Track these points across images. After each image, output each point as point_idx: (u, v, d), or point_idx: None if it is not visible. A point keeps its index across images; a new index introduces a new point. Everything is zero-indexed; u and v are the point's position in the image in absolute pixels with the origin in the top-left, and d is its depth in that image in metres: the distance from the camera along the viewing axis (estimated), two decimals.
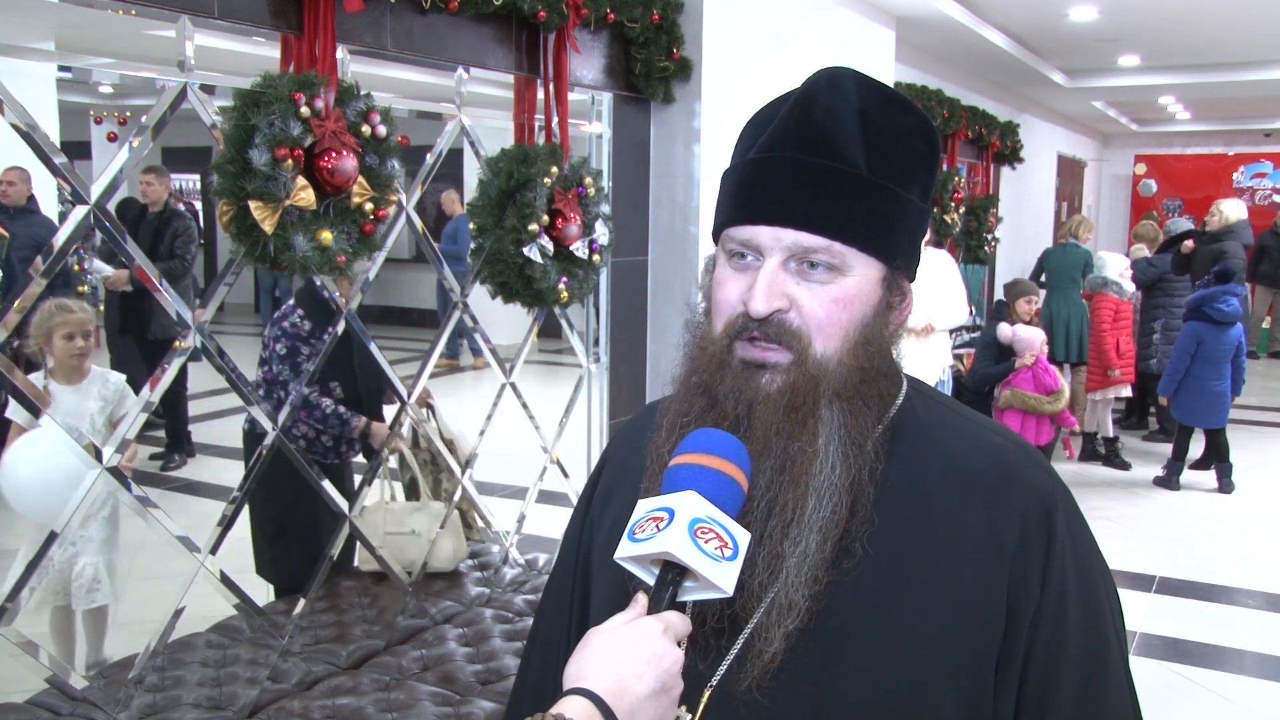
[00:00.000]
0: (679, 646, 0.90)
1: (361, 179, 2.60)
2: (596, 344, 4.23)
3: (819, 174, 0.99)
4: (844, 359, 1.00)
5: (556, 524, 2.94)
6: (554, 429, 3.94)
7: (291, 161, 2.40)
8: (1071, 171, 13.60)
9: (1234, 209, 7.77)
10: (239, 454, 5.45)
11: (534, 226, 3.28)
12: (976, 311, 7.70)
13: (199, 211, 13.93)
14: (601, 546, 1.15)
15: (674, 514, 0.90)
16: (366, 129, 2.62)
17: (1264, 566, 5.39)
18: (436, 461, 3.89)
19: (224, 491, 3.05)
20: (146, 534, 3.03)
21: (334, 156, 2.51)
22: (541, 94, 3.51)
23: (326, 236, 2.50)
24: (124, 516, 3.82)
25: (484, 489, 3.87)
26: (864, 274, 1.01)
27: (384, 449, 3.52)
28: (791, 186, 0.99)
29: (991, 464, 1.05)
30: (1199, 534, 5.96)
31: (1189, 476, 6.91)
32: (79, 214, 2.36)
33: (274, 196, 2.39)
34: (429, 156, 3.27)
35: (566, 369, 9.69)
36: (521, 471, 4.00)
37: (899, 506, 1.02)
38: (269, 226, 2.41)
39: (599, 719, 0.83)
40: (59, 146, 2.38)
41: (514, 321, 4.25)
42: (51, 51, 6.26)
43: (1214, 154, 15.33)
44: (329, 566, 3.17)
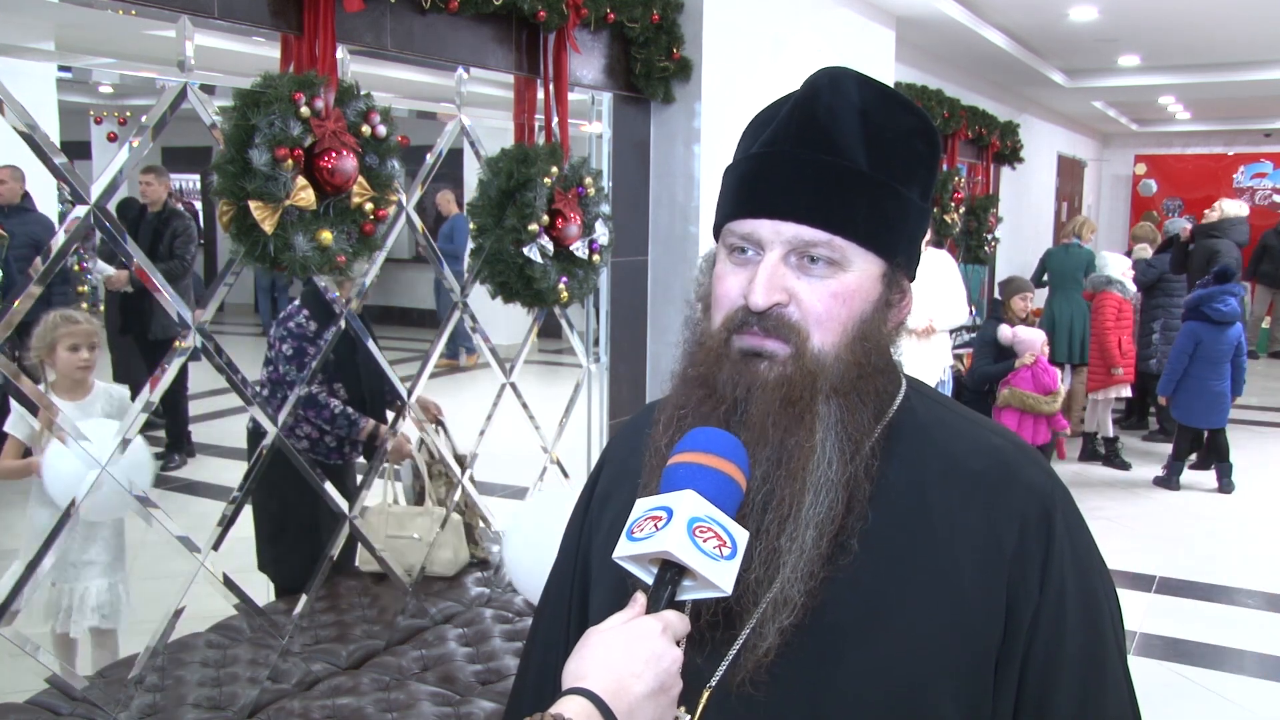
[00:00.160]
0: (678, 646, 0.90)
1: (361, 179, 2.60)
2: (596, 344, 4.23)
3: (821, 169, 0.99)
4: (842, 354, 1.00)
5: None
6: (554, 429, 3.94)
7: (291, 161, 2.40)
8: (1071, 171, 13.60)
9: (1234, 207, 7.80)
10: (239, 454, 5.44)
11: (534, 226, 3.27)
12: (976, 311, 7.70)
13: (199, 211, 13.94)
14: (600, 547, 1.15)
15: (672, 513, 0.90)
16: (366, 129, 2.62)
17: (1264, 566, 5.39)
18: (448, 475, 3.88)
19: (224, 491, 3.04)
20: (146, 534, 3.04)
21: (334, 156, 2.51)
22: (541, 94, 3.51)
23: (326, 236, 2.50)
24: (127, 529, 3.77)
25: (484, 489, 3.87)
26: (864, 270, 1.01)
27: (397, 458, 3.51)
28: (793, 180, 0.99)
29: (990, 464, 1.05)
30: (1199, 534, 5.96)
31: (1189, 476, 6.91)
32: (79, 214, 2.36)
33: (274, 196, 2.39)
34: (429, 156, 3.27)
35: (566, 369, 9.68)
36: (521, 471, 4.00)
37: (898, 506, 1.02)
38: (269, 226, 2.41)
39: (598, 718, 0.83)
40: (59, 146, 2.38)
41: (514, 321, 4.25)
42: (51, 51, 6.25)
43: (1214, 154, 15.32)
44: (329, 566, 3.17)
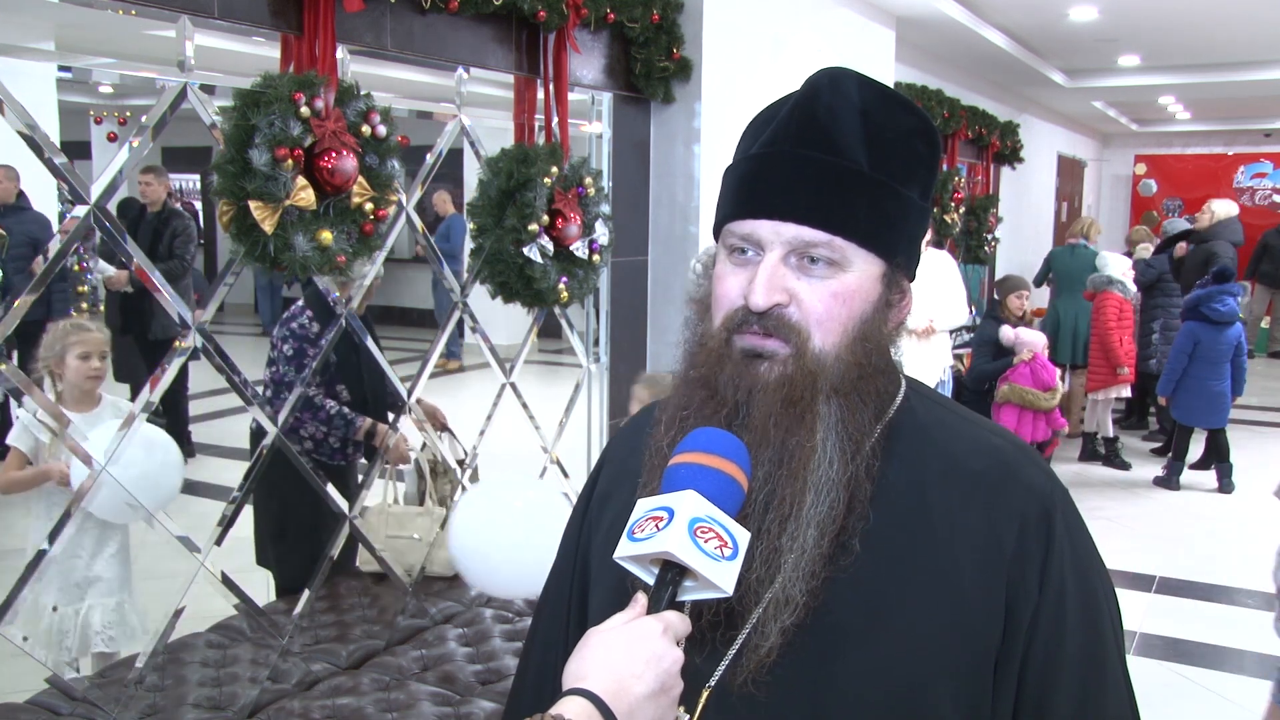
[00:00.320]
0: (679, 646, 0.90)
1: (361, 179, 2.60)
2: (596, 344, 4.23)
3: (821, 169, 0.99)
4: (842, 354, 1.00)
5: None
6: (554, 429, 3.94)
7: (291, 161, 2.40)
8: (1071, 171, 13.60)
9: (1224, 207, 7.80)
10: (239, 454, 5.43)
11: (534, 226, 3.27)
12: (977, 311, 7.70)
13: (199, 211, 13.93)
14: (600, 547, 1.14)
15: (673, 513, 0.90)
16: (366, 129, 2.62)
17: (1264, 566, 5.35)
18: (450, 477, 3.88)
19: (224, 491, 3.04)
20: (147, 534, 3.03)
21: (334, 156, 2.51)
22: (541, 94, 3.51)
23: (326, 236, 2.50)
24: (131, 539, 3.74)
25: None
26: (864, 270, 1.01)
27: (397, 459, 3.50)
28: (793, 181, 0.99)
29: (990, 465, 1.05)
30: (1199, 534, 5.96)
31: (1189, 476, 6.90)
32: (79, 214, 2.36)
33: (274, 196, 2.39)
34: (429, 156, 3.27)
35: (566, 369, 9.68)
36: (521, 471, 4.00)
37: (898, 506, 1.02)
38: (269, 226, 2.41)
39: (598, 719, 0.83)
40: (59, 146, 2.38)
41: (514, 321, 4.25)
42: (51, 51, 6.25)
43: (1214, 154, 15.32)
44: (329, 566, 3.17)
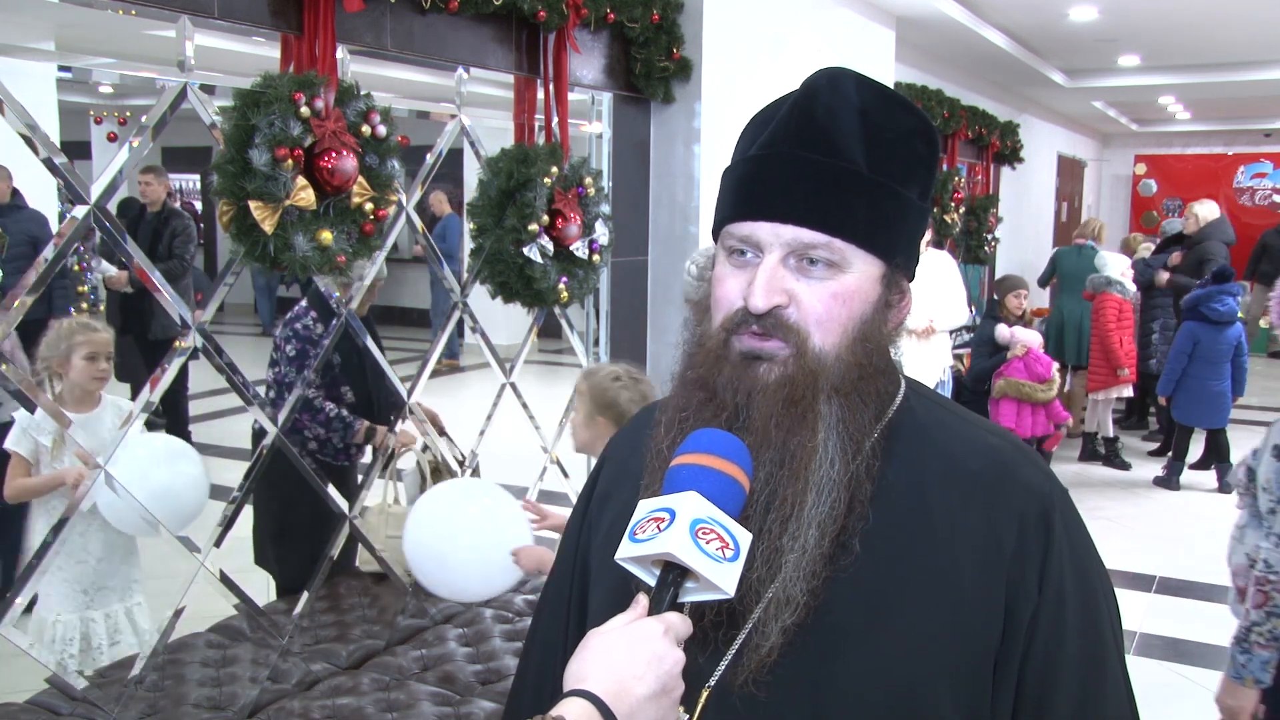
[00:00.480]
0: (679, 647, 0.89)
1: (361, 179, 2.60)
2: (596, 344, 4.23)
3: (819, 171, 0.99)
4: (842, 355, 1.00)
5: None
6: (554, 429, 3.94)
7: (291, 161, 2.40)
8: (1071, 171, 13.60)
9: (1206, 209, 7.80)
10: (239, 454, 5.43)
11: (534, 226, 3.27)
12: (977, 311, 7.70)
13: (199, 211, 13.93)
14: (600, 547, 1.14)
15: (675, 514, 0.90)
16: (366, 129, 2.62)
17: None
18: (446, 474, 3.87)
19: (224, 491, 3.03)
20: (147, 534, 3.03)
21: (334, 156, 2.51)
22: (541, 94, 3.51)
23: (326, 236, 2.50)
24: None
25: None
26: (863, 271, 1.01)
27: (398, 452, 3.50)
28: (792, 182, 0.99)
29: (989, 465, 1.05)
30: (1199, 534, 5.95)
31: (1189, 476, 6.90)
32: (79, 214, 2.36)
33: (274, 196, 2.39)
34: (429, 156, 3.27)
35: (566, 369, 9.68)
36: (521, 471, 4.00)
37: (898, 506, 1.02)
38: (269, 226, 2.41)
39: None
40: (59, 146, 2.38)
41: (514, 321, 4.25)
42: (51, 51, 6.25)
43: (1214, 154, 15.32)
44: (329, 566, 3.17)
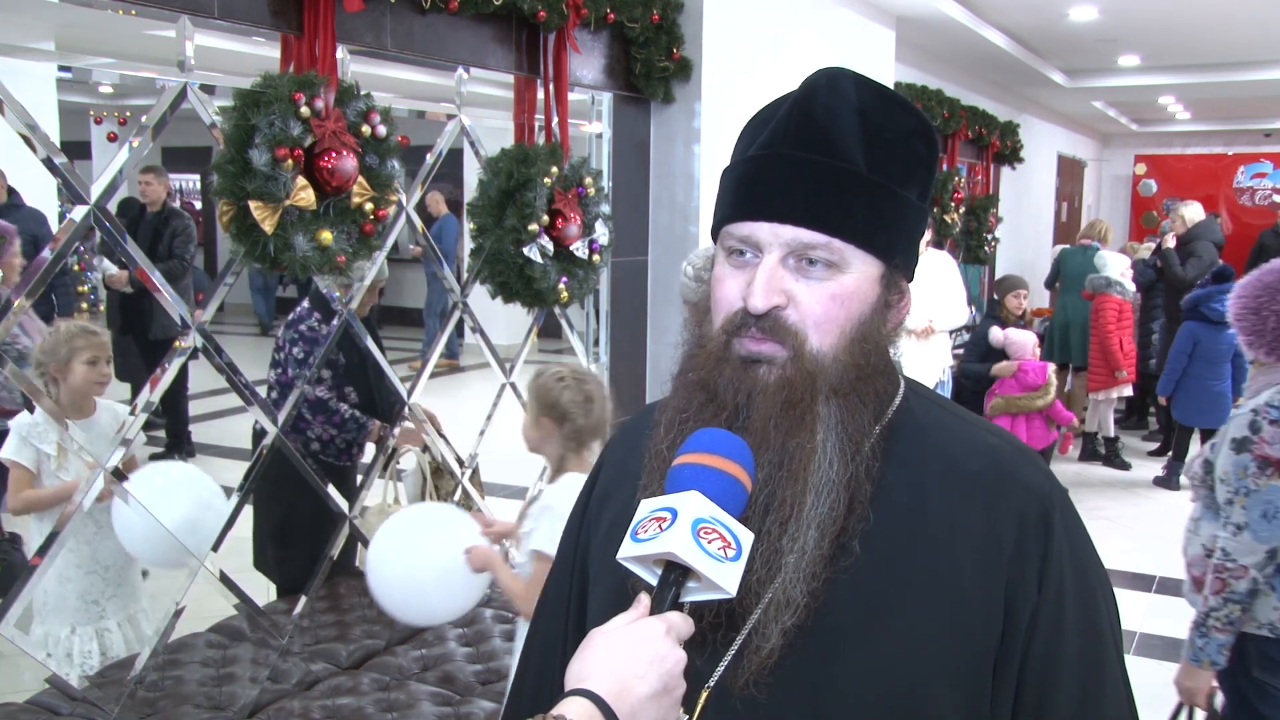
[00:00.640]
0: (681, 647, 0.89)
1: (361, 179, 2.60)
2: (596, 344, 4.23)
3: (818, 171, 0.99)
4: (840, 355, 1.00)
5: None
6: None
7: (291, 161, 2.40)
8: (1071, 171, 13.60)
9: (1192, 211, 7.84)
10: (239, 454, 5.42)
11: (534, 226, 3.27)
12: (977, 311, 7.70)
13: (199, 211, 13.93)
14: (599, 547, 1.14)
15: (677, 514, 0.89)
16: (366, 129, 2.62)
17: None
18: (446, 474, 3.87)
19: (224, 492, 3.03)
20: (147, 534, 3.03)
21: (334, 156, 2.51)
22: (541, 94, 3.51)
23: (326, 236, 2.50)
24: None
25: (484, 489, 3.86)
26: (862, 271, 1.01)
27: (413, 440, 3.50)
28: (791, 183, 0.99)
29: (988, 465, 1.05)
30: None
31: None
32: (79, 214, 2.36)
33: (274, 196, 2.39)
34: (429, 156, 3.27)
35: None
36: (521, 471, 4.00)
37: (897, 507, 1.02)
38: (269, 226, 2.41)
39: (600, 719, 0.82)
40: (59, 146, 2.38)
41: (514, 321, 4.25)
42: (51, 51, 6.25)
43: (1214, 154, 15.31)
44: (329, 566, 3.17)
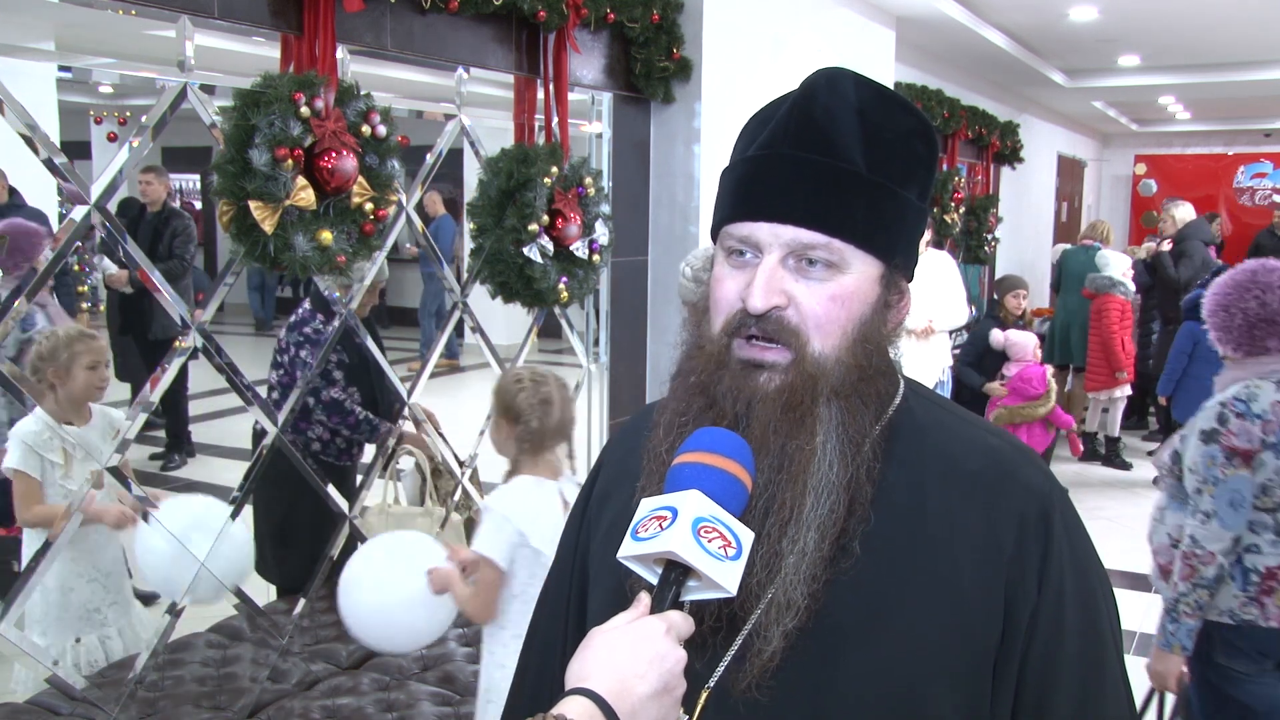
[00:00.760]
0: (681, 646, 0.89)
1: (361, 179, 2.60)
2: (596, 344, 4.23)
3: (818, 171, 0.99)
4: (842, 357, 1.00)
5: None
6: None
7: (291, 161, 2.40)
8: (1071, 171, 13.59)
9: (1183, 211, 7.84)
10: (239, 454, 5.42)
11: (534, 226, 3.27)
12: (976, 311, 7.69)
13: (199, 211, 13.93)
14: (599, 547, 1.14)
15: (677, 513, 0.89)
16: (366, 129, 2.62)
17: None
18: (446, 474, 3.87)
19: (224, 491, 3.02)
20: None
21: (334, 156, 2.51)
22: (541, 94, 3.51)
23: (326, 236, 2.50)
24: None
25: (484, 489, 3.86)
26: (862, 272, 1.01)
27: (415, 443, 3.50)
28: (791, 183, 0.99)
29: (988, 465, 1.04)
30: None
31: None
32: (79, 214, 2.36)
33: (274, 196, 2.39)
34: (429, 156, 3.27)
35: (566, 369, 9.67)
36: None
37: (897, 507, 1.02)
38: (269, 226, 2.41)
39: (600, 719, 0.82)
40: (59, 146, 2.38)
41: (514, 321, 4.24)
42: (51, 51, 6.25)
43: (1214, 154, 15.30)
44: (329, 566, 3.17)
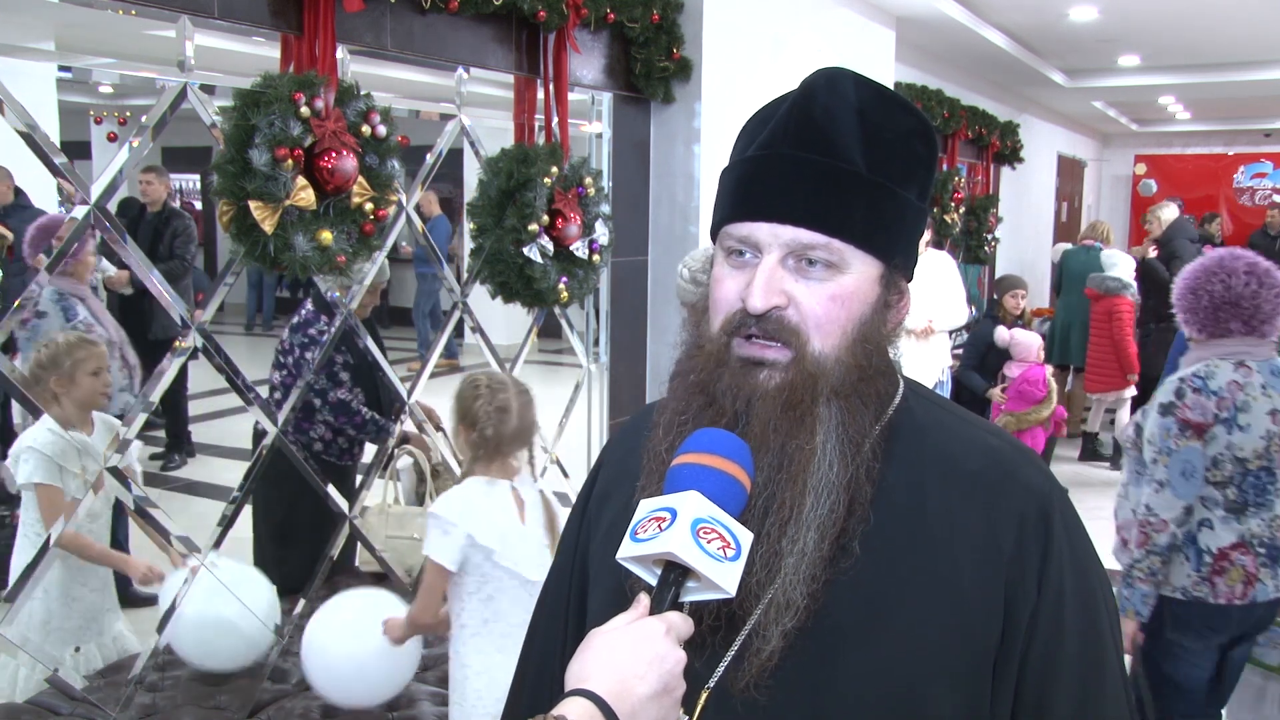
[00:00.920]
0: (681, 647, 0.89)
1: (361, 179, 2.60)
2: (596, 344, 4.23)
3: (818, 171, 0.99)
4: (842, 357, 1.00)
5: None
6: (554, 429, 3.94)
7: (291, 161, 2.40)
8: (1071, 171, 13.59)
9: (1167, 212, 7.90)
10: (239, 454, 5.42)
11: (534, 226, 3.27)
12: (976, 311, 7.69)
13: (199, 211, 13.92)
14: (599, 548, 1.14)
15: (676, 514, 0.89)
16: (366, 129, 2.62)
17: None
18: (445, 474, 3.87)
19: (224, 491, 3.03)
20: (145, 535, 3.03)
21: (334, 156, 2.51)
22: (541, 94, 3.51)
23: (326, 236, 2.50)
24: (130, 531, 3.72)
25: None
26: (862, 272, 1.01)
27: (398, 454, 3.50)
28: (790, 183, 0.99)
29: (988, 465, 1.04)
30: None
31: None
32: (79, 214, 2.36)
33: (274, 196, 2.39)
34: (429, 156, 3.27)
35: (566, 369, 9.67)
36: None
37: (897, 507, 1.02)
38: (269, 226, 2.41)
39: None
40: (59, 146, 2.38)
41: (514, 321, 4.25)
42: (51, 51, 6.25)
43: (1214, 154, 15.30)
44: (329, 566, 3.17)
